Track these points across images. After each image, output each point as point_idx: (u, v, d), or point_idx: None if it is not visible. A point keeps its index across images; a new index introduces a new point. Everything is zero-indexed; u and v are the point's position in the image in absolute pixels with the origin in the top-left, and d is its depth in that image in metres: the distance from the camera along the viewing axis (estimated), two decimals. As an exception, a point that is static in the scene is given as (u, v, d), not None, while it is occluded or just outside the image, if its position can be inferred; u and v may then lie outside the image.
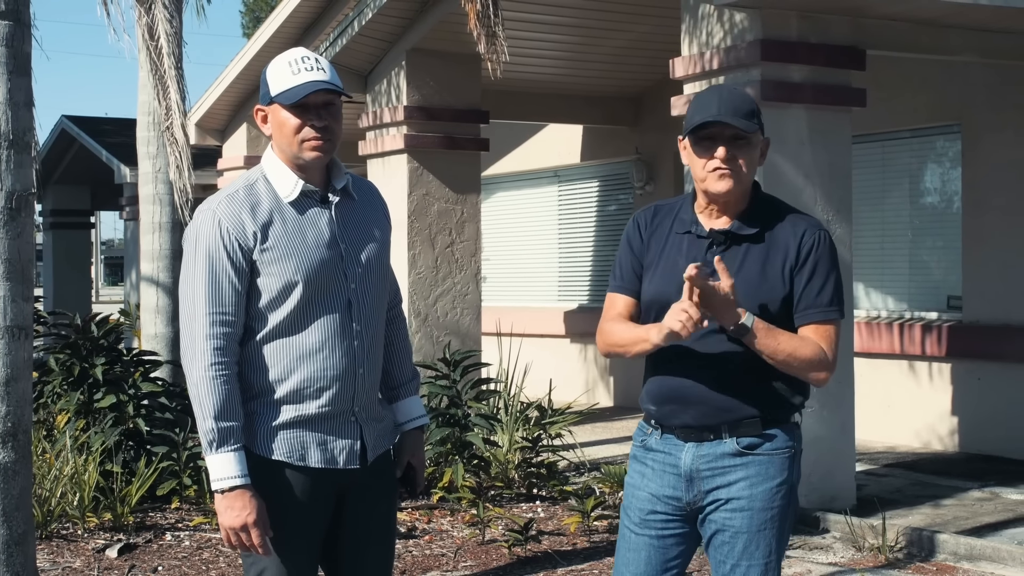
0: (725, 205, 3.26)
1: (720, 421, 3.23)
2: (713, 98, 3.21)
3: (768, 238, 3.24)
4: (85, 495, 6.69)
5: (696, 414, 3.25)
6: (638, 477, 3.39)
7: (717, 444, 3.24)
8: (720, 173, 3.19)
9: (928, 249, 10.19)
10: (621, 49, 10.95)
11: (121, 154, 18.53)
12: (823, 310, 3.21)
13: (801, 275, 3.21)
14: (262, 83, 3.35)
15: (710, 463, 3.25)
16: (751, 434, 3.22)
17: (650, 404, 3.35)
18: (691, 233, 3.30)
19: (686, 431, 3.28)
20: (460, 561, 6.41)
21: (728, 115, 3.16)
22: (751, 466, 3.22)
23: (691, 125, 3.21)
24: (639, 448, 3.42)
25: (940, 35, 7.92)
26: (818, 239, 3.23)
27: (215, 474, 3.22)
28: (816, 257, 3.22)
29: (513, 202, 14.51)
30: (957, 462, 9.25)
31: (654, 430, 3.36)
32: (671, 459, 3.31)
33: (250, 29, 40.25)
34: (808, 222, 3.29)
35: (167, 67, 8.18)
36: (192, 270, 3.28)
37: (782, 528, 3.28)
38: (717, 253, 3.22)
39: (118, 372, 7.65)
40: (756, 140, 3.23)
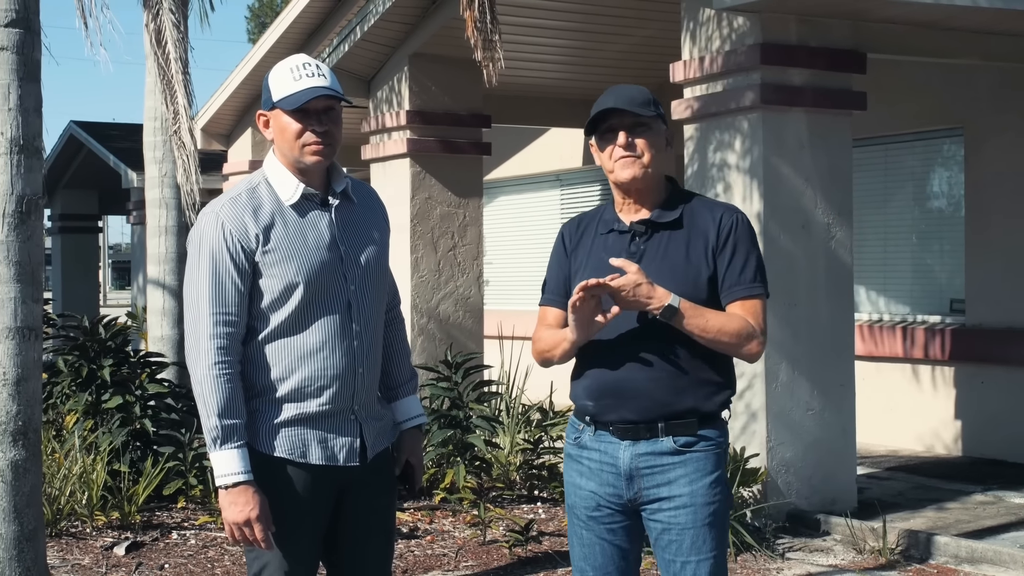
0: (639, 195, 3.38)
1: (658, 415, 3.30)
2: (609, 95, 3.36)
3: (687, 224, 3.37)
4: (93, 494, 6.77)
5: (634, 408, 3.31)
6: (576, 476, 3.46)
7: (654, 443, 3.32)
8: (624, 160, 3.32)
9: (931, 252, 10.23)
10: (622, 53, 11.00)
11: (128, 159, 18.64)
12: (747, 286, 3.32)
13: (723, 256, 3.33)
14: (264, 89, 3.42)
15: (649, 462, 3.32)
16: (687, 433, 3.31)
17: (586, 399, 3.40)
18: (613, 231, 3.41)
19: (623, 428, 3.34)
20: (461, 561, 6.47)
21: (623, 104, 3.30)
22: (689, 463, 3.31)
23: (591, 117, 3.36)
24: (572, 446, 3.48)
25: (941, 38, 7.96)
26: (736, 221, 3.36)
27: (219, 470, 3.28)
28: (736, 238, 3.34)
29: (515, 206, 14.57)
30: (960, 466, 9.28)
31: (587, 427, 3.42)
32: (607, 457, 3.37)
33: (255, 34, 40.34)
34: (724, 207, 3.43)
35: (174, 72, 8.26)
36: (196, 271, 3.35)
37: (724, 520, 3.39)
38: (641, 244, 3.35)
39: (125, 373, 7.73)
40: (656, 127, 3.35)
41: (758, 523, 7.08)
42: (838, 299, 7.58)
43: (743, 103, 7.33)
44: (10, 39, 4.95)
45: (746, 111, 7.36)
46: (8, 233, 4.92)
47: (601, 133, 3.38)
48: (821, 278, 7.49)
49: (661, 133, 3.38)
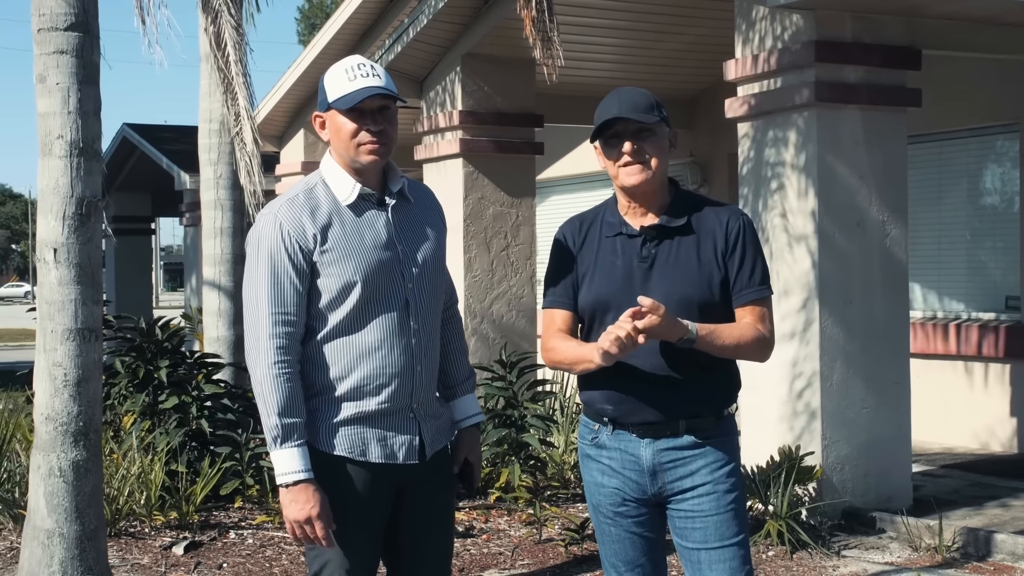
0: (644, 199, 3.41)
1: (679, 415, 3.37)
2: (613, 100, 3.39)
3: (696, 228, 3.41)
4: (152, 494, 6.84)
5: (656, 410, 3.38)
6: (599, 475, 3.50)
7: (674, 439, 3.39)
8: (630, 167, 3.35)
9: (985, 249, 10.14)
10: (675, 52, 10.99)
11: (181, 161, 18.82)
12: (757, 289, 3.41)
13: (733, 260, 3.39)
14: (320, 90, 3.45)
15: (671, 456, 3.40)
16: (706, 428, 3.40)
17: (604, 403, 3.43)
18: (622, 234, 3.44)
19: (643, 427, 3.40)
20: (517, 559, 6.48)
21: (627, 111, 3.33)
22: (708, 453, 3.40)
23: (596, 126, 3.39)
24: (590, 446, 3.52)
25: (996, 34, 7.88)
26: (742, 224, 3.42)
27: (279, 468, 3.31)
28: (744, 241, 3.40)
29: (567, 205, 14.55)
30: (1016, 463, 9.19)
31: (603, 427, 3.47)
32: (629, 455, 3.43)
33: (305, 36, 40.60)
34: (730, 210, 3.47)
35: (235, 74, 8.31)
36: (255, 272, 3.38)
37: (744, 507, 3.46)
38: (652, 248, 3.39)
39: (182, 374, 7.81)
40: (660, 131, 3.39)
41: (813, 521, 7.05)
42: (893, 297, 7.53)
43: (797, 101, 7.30)
44: (69, 43, 5.02)
45: (800, 109, 7.32)
46: (68, 235, 4.98)
47: (606, 139, 3.41)
48: (876, 276, 7.44)
49: (665, 137, 3.42)
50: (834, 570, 6.37)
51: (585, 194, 14.35)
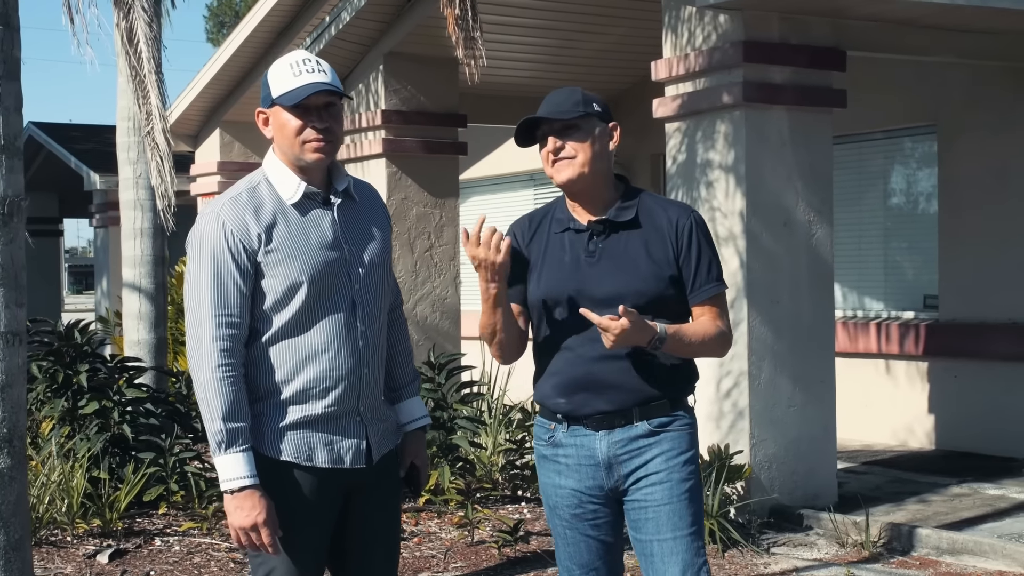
0: (584, 195, 3.41)
1: (633, 403, 3.37)
2: (543, 103, 3.42)
3: (645, 223, 3.41)
4: (74, 501, 6.67)
5: (609, 399, 3.37)
6: (555, 476, 3.47)
7: (629, 428, 3.38)
8: (559, 164, 3.37)
9: (904, 249, 10.29)
10: (598, 52, 11.00)
11: (90, 161, 18.46)
12: (714, 285, 3.42)
13: (688, 260, 3.39)
14: (263, 86, 3.38)
15: (625, 447, 3.38)
16: (661, 414, 3.39)
17: (557, 397, 3.42)
18: (570, 229, 3.44)
19: (597, 419, 3.38)
20: (450, 562, 6.43)
21: (547, 112, 3.36)
22: (664, 442, 3.39)
23: (518, 131, 3.43)
24: (546, 447, 3.50)
25: (918, 36, 8.00)
26: (692, 222, 3.42)
27: (224, 475, 3.23)
28: (697, 239, 3.40)
29: (489, 206, 14.52)
30: (935, 459, 9.35)
31: (559, 424, 3.45)
32: (584, 451, 3.41)
33: (214, 33, 40.05)
34: (679, 207, 3.47)
35: (147, 72, 8.15)
36: (196, 273, 3.29)
37: (699, 498, 3.45)
38: (599, 242, 3.39)
39: (102, 379, 7.63)
40: (588, 126, 3.37)
41: (742, 519, 7.09)
42: (819, 296, 7.60)
43: (725, 101, 7.33)
44: (-10, 38, 4.85)
45: (728, 109, 7.36)
46: (-9, 236, 4.82)
47: (539, 140, 3.43)
48: (803, 275, 7.51)
49: (592, 131, 3.39)
50: (765, 568, 6.41)
51: (507, 195, 14.33)
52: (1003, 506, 7.57)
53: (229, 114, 13.57)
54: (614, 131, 3.45)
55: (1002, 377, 9.26)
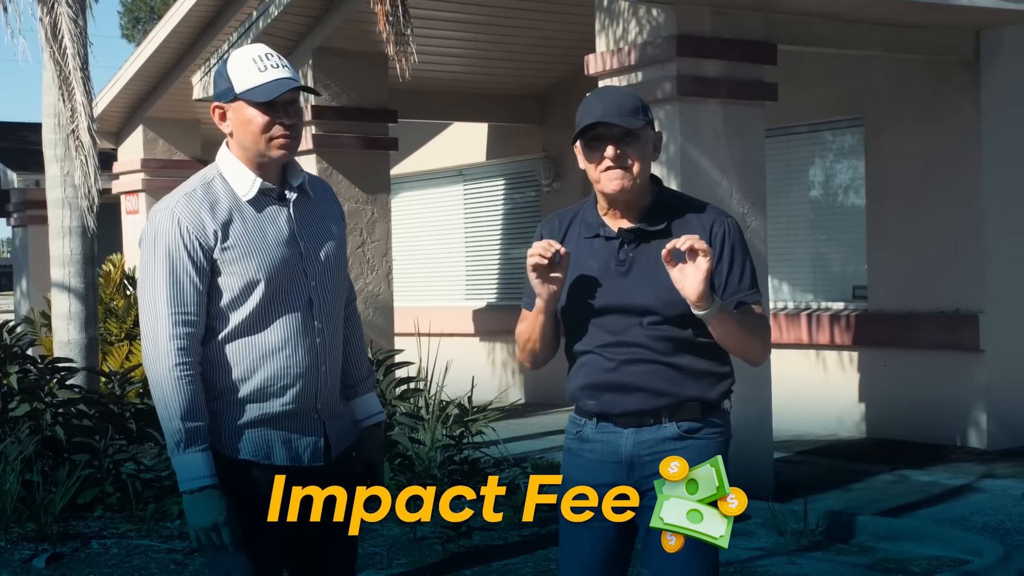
0: (625, 204, 3.28)
1: (661, 405, 3.26)
2: (597, 101, 3.26)
3: (676, 231, 3.24)
4: (7, 505, 6.54)
5: (638, 399, 3.27)
6: (575, 470, 3.37)
7: (657, 429, 3.27)
8: (612, 173, 3.22)
9: (833, 240, 10.43)
10: (527, 47, 11.02)
11: (7, 159, 18.06)
12: (748, 293, 3.28)
13: (721, 266, 3.25)
14: (220, 79, 3.31)
15: (651, 448, 3.26)
16: (691, 418, 3.27)
17: (587, 399, 3.34)
18: (599, 236, 3.32)
19: (625, 418, 3.29)
20: (394, 559, 6.40)
21: (612, 115, 3.20)
22: (691, 449, 3.23)
23: (579, 129, 3.26)
24: (574, 440, 3.40)
25: (847, 30, 8.13)
26: (727, 228, 3.29)
27: (183, 474, 3.18)
28: (731, 246, 3.27)
29: (418, 202, 14.50)
30: (867, 447, 9.50)
31: (589, 420, 3.36)
32: (609, 447, 3.31)
33: (129, 29, 39.45)
34: (714, 213, 3.33)
35: (72, 68, 8.00)
36: (151, 271, 3.24)
37: None
38: (630, 251, 3.27)
39: (33, 380, 7.48)
40: (645, 135, 3.26)
41: (682, 511, 7.13)
42: (754, 287, 7.66)
43: (660, 95, 7.38)
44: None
45: (663, 102, 7.41)
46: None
47: (587, 141, 3.26)
48: (737, 267, 7.56)
49: (649, 140, 3.29)
50: (708, 558, 6.44)
51: (437, 190, 14.31)
52: (936, 492, 7.71)
53: (152, 111, 13.41)
54: (659, 141, 3.35)
55: (930, 366, 9.43)
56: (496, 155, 13.29)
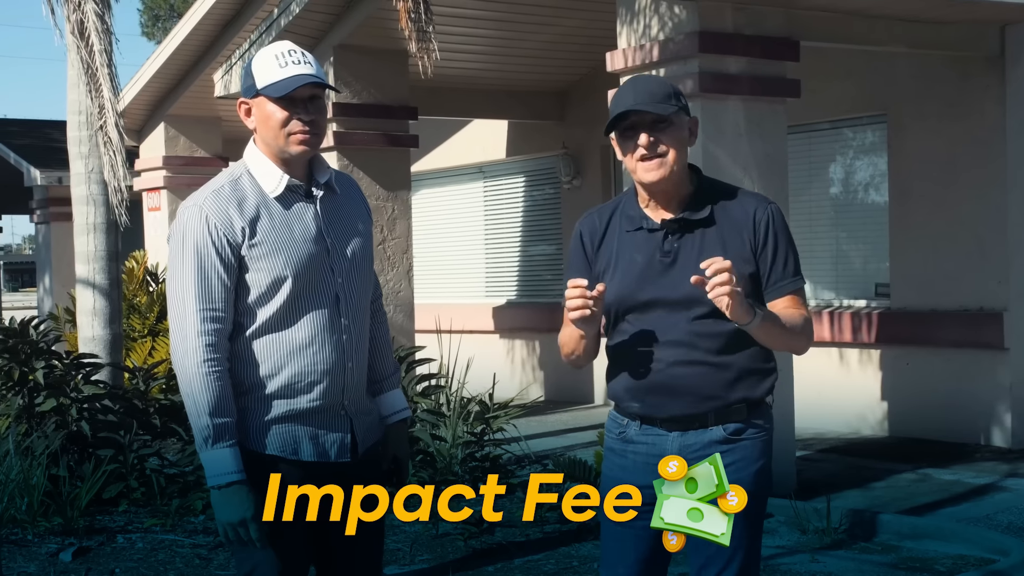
0: (665, 194, 3.25)
1: (708, 409, 3.23)
2: (629, 90, 3.23)
3: (720, 219, 3.25)
4: (34, 499, 6.58)
5: (685, 404, 3.23)
6: (618, 471, 3.35)
7: (703, 432, 3.24)
8: (647, 161, 3.19)
9: (855, 238, 10.40)
10: (548, 44, 11.01)
11: (30, 156, 18.14)
12: (792, 280, 3.26)
13: (765, 253, 3.23)
14: (246, 76, 3.34)
15: (697, 451, 3.22)
16: (738, 420, 3.24)
17: (631, 401, 3.31)
18: (642, 228, 3.29)
19: (671, 422, 3.26)
20: (416, 555, 6.41)
21: (643, 103, 3.17)
22: (737, 451, 3.23)
23: (611, 118, 3.23)
24: (616, 440, 3.38)
25: (870, 26, 8.10)
26: (771, 215, 3.27)
27: (211, 470, 3.20)
28: (774, 232, 3.25)
29: (439, 199, 14.51)
30: (889, 446, 9.46)
31: (632, 421, 3.33)
32: (656, 449, 3.27)
33: (149, 27, 39.55)
34: (756, 199, 3.32)
35: (99, 65, 8.03)
36: (180, 267, 3.26)
37: (762, 508, 3.33)
38: (675, 242, 3.23)
39: (59, 376, 7.53)
40: (680, 121, 3.23)
41: (704, 508, 7.13)
42: (776, 285, 7.65)
43: (682, 92, 7.34)
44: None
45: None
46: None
47: (622, 132, 3.24)
48: (760, 264, 7.55)
49: (685, 126, 3.26)
50: (730, 555, 6.44)
51: (456, 187, 14.31)
52: (959, 491, 7.68)
53: (174, 108, 13.46)
54: (695, 126, 3.31)
55: (953, 364, 9.40)
56: (516, 152, 13.29)
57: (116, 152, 7.88)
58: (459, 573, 6.09)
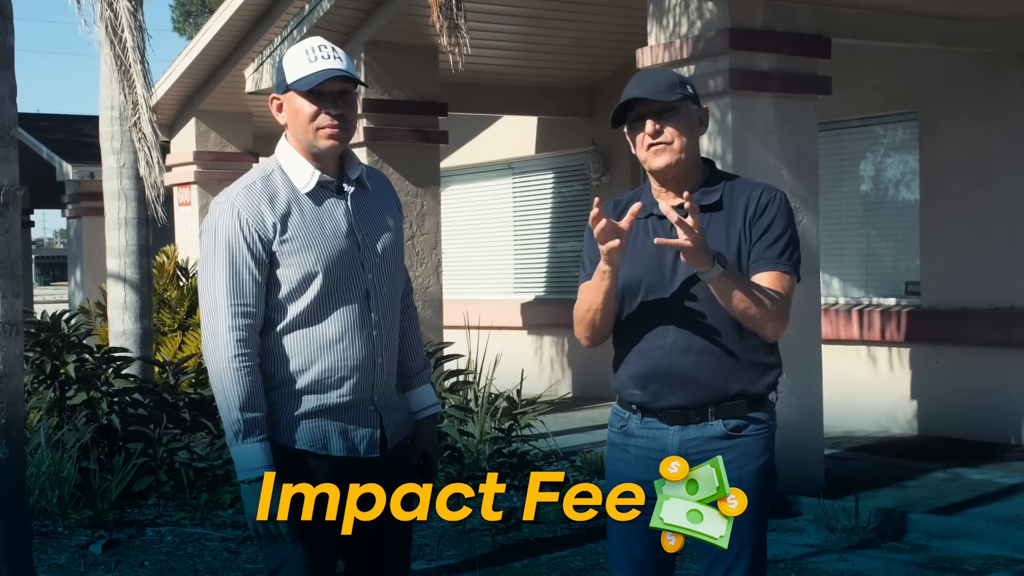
0: (675, 181, 3.31)
1: (709, 400, 3.25)
2: (635, 83, 3.31)
3: (727, 205, 3.30)
4: (65, 492, 6.63)
5: (684, 394, 3.26)
6: (621, 465, 3.38)
7: (703, 427, 3.26)
8: (654, 148, 3.26)
9: (886, 236, 10.35)
10: (578, 40, 11.00)
11: (63, 151, 18.26)
12: (773, 261, 3.23)
13: (759, 225, 3.25)
14: (277, 72, 3.36)
15: (698, 447, 3.25)
16: (737, 416, 3.25)
17: (633, 389, 3.33)
18: (652, 215, 3.34)
19: (671, 413, 3.29)
20: (443, 550, 6.43)
21: (646, 92, 3.25)
22: (738, 447, 3.24)
23: (616, 111, 3.31)
24: (618, 435, 3.41)
25: (901, 23, 8.05)
26: (774, 197, 3.29)
27: (241, 464, 3.22)
28: (773, 212, 3.26)
29: (467, 195, 14.51)
30: (919, 444, 9.41)
31: (633, 414, 3.37)
32: (656, 444, 3.30)
33: (180, 23, 39.73)
34: (765, 185, 3.35)
35: (132, 61, 8.09)
36: (211, 263, 3.28)
37: (767, 506, 3.35)
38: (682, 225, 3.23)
39: (89, 369, 7.58)
40: (686, 109, 3.29)
41: (732, 506, 7.11)
42: (805, 283, 7.54)
43: (712, 88, 7.35)
44: (-16, 26, 4.81)
45: (715, 96, 7.37)
46: (-14, 226, 4.78)
47: (631, 122, 3.32)
48: (789, 262, 7.52)
49: (692, 114, 3.31)
50: (758, 553, 6.43)
51: (486, 183, 14.32)
52: (989, 491, 7.64)
53: (205, 104, 13.52)
54: (705, 116, 3.37)
55: (983, 363, 9.34)
56: (545, 148, 13.28)
57: (151, 148, 7.94)
58: (486, 569, 6.11)
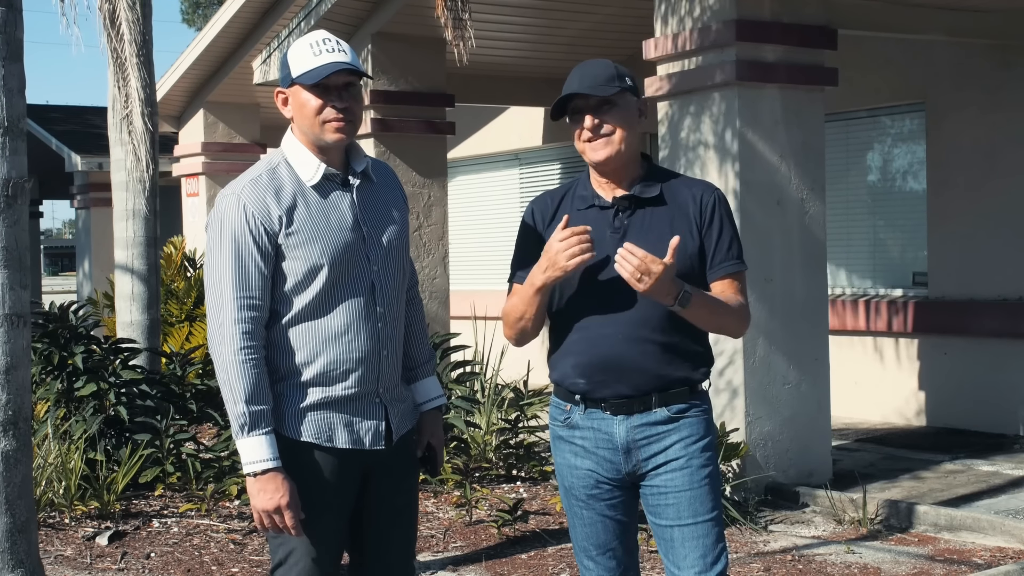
0: (615, 173, 3.36)
1: (653, 387, 3.33)
2: (575, 75, 3.34)
3: (668, 200, 3.37)
4: (71, 483, 6.64)
5: (629, 383, 3.33)
6: (571, 456, 3.45)
7: (647, 414, 3.35)
8: (593, 142, 3.31)
9: (893, 227, 10.33)
10: (585, 31, 10.98)
11: (71, 142, 18.30)
12: (735, 263, 3.38)
13: (710, 233, 3.36)
14: (282, 66, 3.37)
15: (644, 432, 3.35)
16: (680, 401, 3.36)
17: (577, 378, 3.38)
18: (594, 206, 3.39)
19: (616, 403, 3.35)
20: (450, 542, 6.44)
21: (585, 87, 3.28)
22: (683, 428, 3.36)
23: (555, 106, 3.36)
24: (562, 427, 3.47)
25: (909, 14, 8.03)
26: (716, 198, 3.39)
27: (247, 457, 3.23)
28: (720, 215, 3.37)
29: (475, 186, 14.51)
30: (926, 436, 9.40)
31: (575, 406, 3.42)
32: (602, 434, 3.38)
33: (189, 15, 39.75)
34: (702, 184, 3.45)
35: (128, 55, 8.09)
36: (218, 255, 3.28)
37: (718, 484, 3.43)
38: (624, 219, 3.34)
39: (97, 360, 7.59)
40: (624, 102, 3.32)
41: (738, 497, 7.12)
42: (812, 274, 7.63)
43: (718, 79, 7.34)
44: (-8, 18, 4.81)
45: (721, 88, 7.36)
46: (-6, 218, 4.79)
47: (570, 115, 3.36)
48: (796, 253, 7.53)
49: (631, 106, 3.35)
50: (764, 545, 6.44)
51: (492, 174, 14.31)
52: (998, 482, 7.62)
53: (213, 95, 13.53)
54: (645, 107, 3.41)
55: (991, 354, 9.33)
56: (552, 139, 13.27)
57: (139, 142, 7.94)
58: (492, 560, 6.12)
